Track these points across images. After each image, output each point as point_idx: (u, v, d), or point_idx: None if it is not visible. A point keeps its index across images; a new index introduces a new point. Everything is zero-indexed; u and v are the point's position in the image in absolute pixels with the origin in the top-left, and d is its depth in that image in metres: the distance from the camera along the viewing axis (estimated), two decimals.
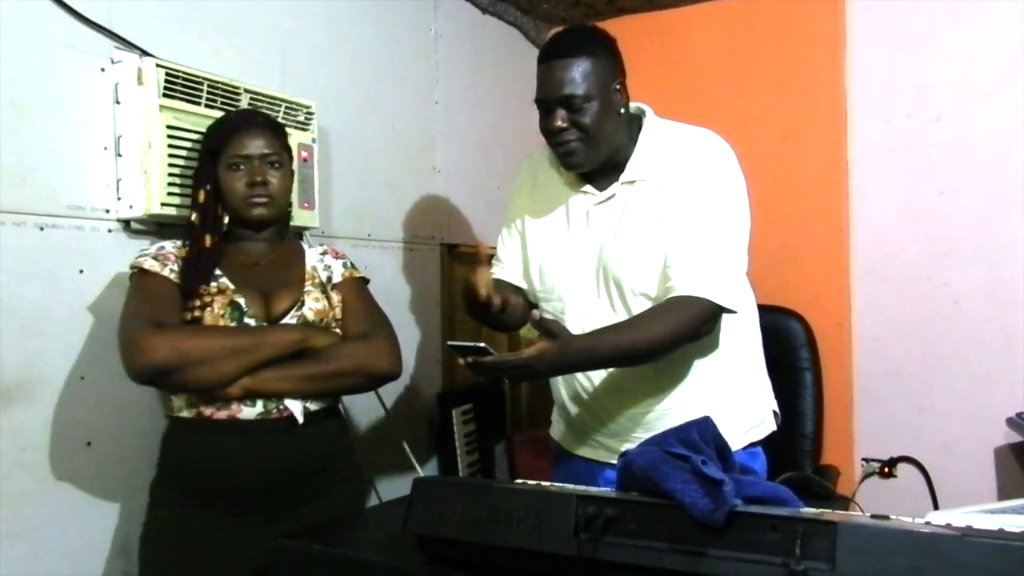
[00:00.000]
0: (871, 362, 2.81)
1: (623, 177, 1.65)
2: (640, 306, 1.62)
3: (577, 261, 1.68)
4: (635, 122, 1.68)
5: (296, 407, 1.56)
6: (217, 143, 1.62)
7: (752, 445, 1.73)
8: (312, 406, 1.59)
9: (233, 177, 1.62)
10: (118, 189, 1.70)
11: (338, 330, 1.68)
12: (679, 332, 1.52)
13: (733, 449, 1.63)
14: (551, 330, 1.44)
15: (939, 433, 2.70)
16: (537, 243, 1.75)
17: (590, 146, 1.59)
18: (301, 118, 2.02)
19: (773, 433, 1.79)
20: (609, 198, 1.66)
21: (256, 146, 1.62)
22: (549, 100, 1.58)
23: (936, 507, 2.62)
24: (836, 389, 2.71)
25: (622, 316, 1.63)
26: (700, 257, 1.55)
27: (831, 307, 2.80)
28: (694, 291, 1.52)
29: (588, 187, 1.68)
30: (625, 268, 1.62)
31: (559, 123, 1.57)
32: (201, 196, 1.62)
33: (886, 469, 2.75)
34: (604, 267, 1.64)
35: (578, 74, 1.55)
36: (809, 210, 2.87)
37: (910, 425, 2.75)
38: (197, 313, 1.52)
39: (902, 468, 2.75)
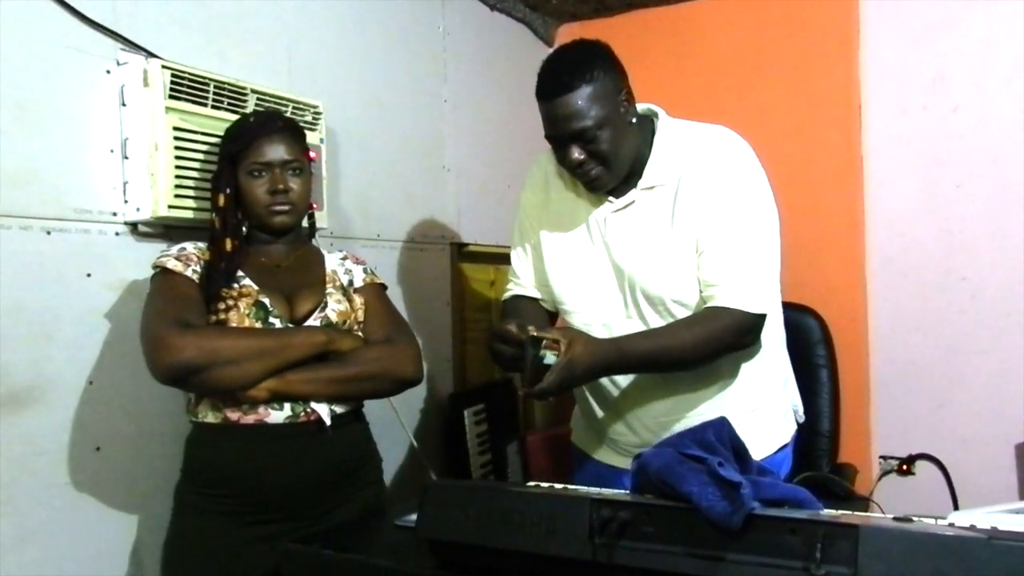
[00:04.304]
0: (888, 358, 2.78)
1: (641, 183, 1.60)
2: (669, 315, 1.59)
3: (601, 272, 1.64)
4: (647, 124, 1.63)
5: (323, 411, 1.55)
6: (237, 148, 1.60)
7: (783, 447, 1.72)
8: (338, 409, 1.58)
9: (254, 184, 1.60)
10: (125, 192, 1.69)
11: (359, 333, 1.67)
12: (714, 343, 1.52)
13: (767, 453, 1.63)
14: (572, 335, 1.43)
15: (958, 429, 2.67)
16: (558, 255, 1.71)
17: (612, 169, 1.55)
18: (308, 118, 2.01)
19: (799, 428, 1.79)
20: (628, 205, 1.62)
21: (277, 152, 1.60)
22: (561, 138, 1.53)
23: (956, 505, 2.58)
24: (853, 386, 2.67)
25: (650, 324, 1.60)
26: (735, 267, 1.53)
27: (847, 302, 2.77)
28: (731, 303, 1.51)
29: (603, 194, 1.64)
30: (649, 278, 1.59)
31: (576, 156, 1.52)
32: (221, 200, 1.60)
33: (904, 467, 2.72)
34: (629, 277, 1.61)
35: (583, 104, 1.48)
36: (824, 204, 2.84)
37: (928, 422, 2.72)
38: (222, 316, 1.51)
39: (921, 465, 2.72)
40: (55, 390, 1.57)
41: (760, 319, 1.55)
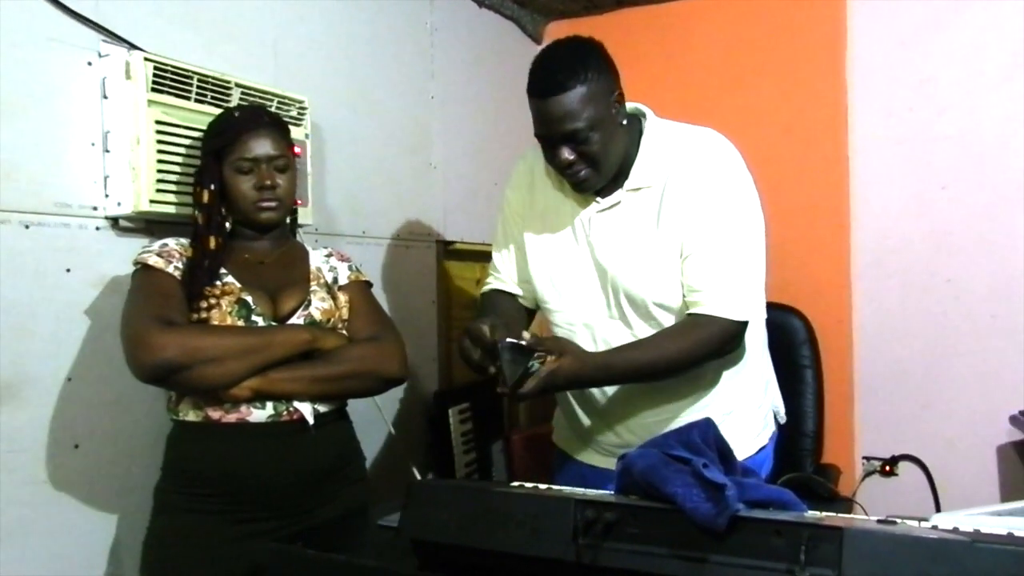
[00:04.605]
0: (873, 359, 2.79)
1: (628, 184, 1.59)
2: (650, 317, 1.58)
3: (584, 272, 1.63)
4: (635, 124, 1.61)
5: (306, 409, 1.53)
6: (223, 143, 1.58)
7: (762, 448, 1.72)
8: (322, 408, 1.57)
9: (241, 180, 1.58)
10: (106, 186, 1.66)
11: (344, 331, 1.65)
12: (699, 351, 1.52)
13: (746, 455, 1.63)
14: (563, 347, 1.42)
15: (941, 431, 2.68)
16: (541, 253, 1.69)
17: (600, 170, 1.54)
18: (294, 113, 1.99)
19: (779, 430, 1.79)
20: (613, 205, 1.60)
21: (264, 148, 1.58)
22: (552, 138, 1.51)
23: (938, 506, 2.60)
24: (837, 387, 2.68)
25: (635, 327, 1.59)
26: (720, 274, 1.52)
27: (832, 303, 2.77)
28: (716, 310, 1.51)
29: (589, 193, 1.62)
30: (632, 279, 1.58)
31: (566, 157, 1.50)
32: (205, 196, 1.58)
33: (887, 467, 2.73)
34: (612, 278, 1.59)
35: (577, 106, 1.46)
36: (810, 205, 2.84)
37: (912, 423, 2.73)
38: (204, 315, 1.50)
39: (904, 466, 2.73)
40: (33, 386, 1.54)
41: (743, 326, 1.55)
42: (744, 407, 1.69)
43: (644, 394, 1.64)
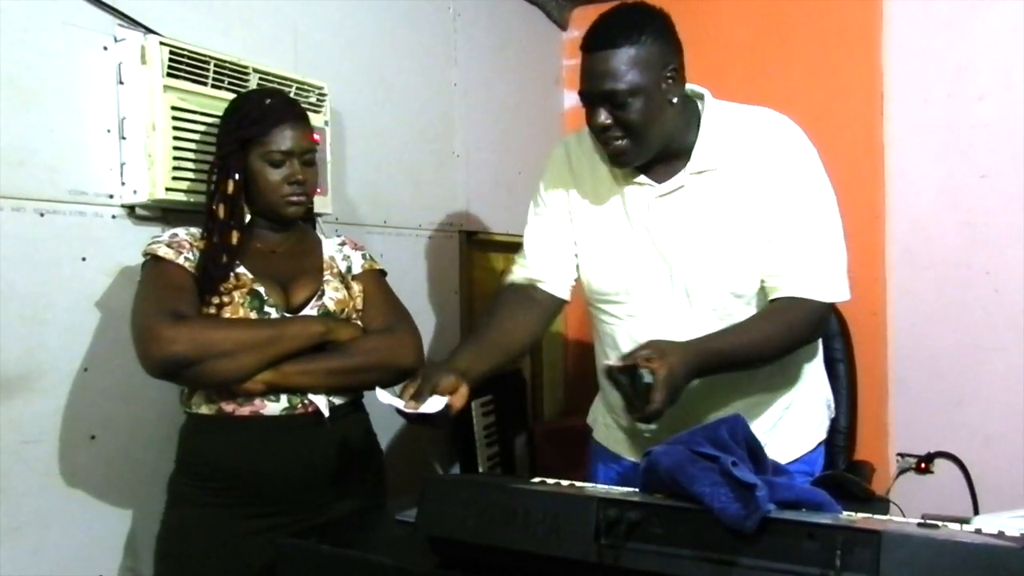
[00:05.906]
0: (907, 353, 2.72)
1: (690, 167, 1.51)
2: (721, 305, 1.52)
3: (644, 258, 1.55)
4: (693, 106, 1.54)
5: (321, 402, 1.51)
6: (255, 132, 1.53)
7: (822, 442, 1.67)
8: (337, 400, 1.54)
9: (271, 172, 1.54)
10: (122, 173, 1.64)
11: (358, 322, 1.63)
12: (792, 335, 1.47)
13: (808, 449, 1.59)
14: (661, 348, 1.32)
15: (978, 427, 2.62)
16: (592, 241, 1.61)
17: (638, 144, 1.46)
18: (313, 100, 1.96)
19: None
20: (675, 190, 1.53)
21: (299, 141, 1.55)
22: (590, 95, 1.45)
23: (976, 505, 2.53)
24: (871, 381, 2.61)
25: (703, 316, 1.52)
26: (806, 256, 1.47)
27: (866, 296, 2.70)
28: (804, 292, 1.46)
29: (643, 178, 1.54)
30: (701, 266, 1.51)
31: (601, 120, 1.44)
32: (230, 187, 1.53)
33: (922, 465, 2.66)
34: (679, 266, 1.52)
35: (621, 66, 1.40)
36: (843, 194, 2.68)
37: (948, 419, 2.66)
38: (213, 310, 1.47)
39: (939, 464, 2.66)
40: (48, 377, 1.53)
41: (831, 308, 1.50)
42: (807, 399, 1.63)
43: (703, 385, 1.57)
